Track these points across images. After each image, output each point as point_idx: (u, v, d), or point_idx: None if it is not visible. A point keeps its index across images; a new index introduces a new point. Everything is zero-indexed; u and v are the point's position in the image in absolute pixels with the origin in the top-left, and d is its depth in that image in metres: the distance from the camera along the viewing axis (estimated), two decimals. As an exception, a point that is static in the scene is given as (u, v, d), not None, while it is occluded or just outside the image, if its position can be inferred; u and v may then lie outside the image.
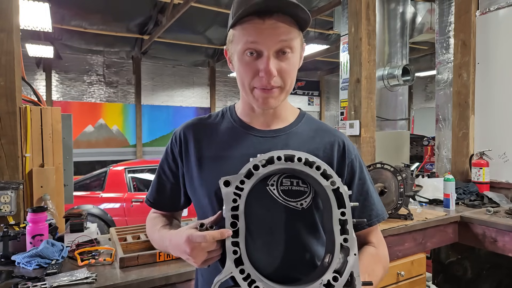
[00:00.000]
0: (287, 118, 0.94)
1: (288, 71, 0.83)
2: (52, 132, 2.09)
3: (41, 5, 4.52)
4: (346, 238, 0.73)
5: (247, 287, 0.69)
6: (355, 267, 0.71)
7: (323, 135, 0.94)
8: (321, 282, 0.70)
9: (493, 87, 2.92)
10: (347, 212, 0.74)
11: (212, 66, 11.45)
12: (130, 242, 1.71)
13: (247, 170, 0.74)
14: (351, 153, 0.93)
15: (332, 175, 0.76)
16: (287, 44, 0.80)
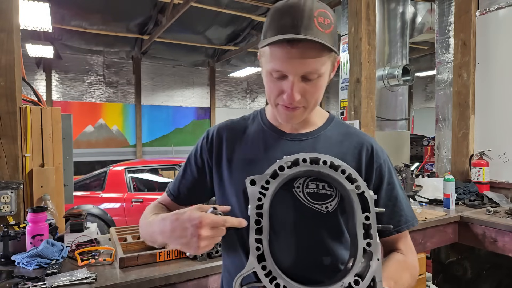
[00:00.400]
0: (315, 122, 0.96)
1: (313, 93, 0.84)
2: (52, 132, 2.09)
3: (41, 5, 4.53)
4: (369, 242, 0.73)
5: (268, 284, 0.70)
6: (377, 272, 0.71)
7: (351, 139, 0.93)
8: (342, 285, 0.71)
9: (493, 87, 2.93)
10: (371, 216, 0.74)
11: (212, 66, 11.45)
12: (130, 242, 1.72)
13: (273, 171, 0.76)
14: (379, 158, 0.92)
15: (357, 179, 0.75)
16: (313, 71, 0.80)
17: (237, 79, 12.11)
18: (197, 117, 11.56)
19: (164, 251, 1.57)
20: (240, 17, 7.99)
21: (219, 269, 1.56)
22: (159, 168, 5.77)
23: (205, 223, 0.71)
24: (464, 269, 2.64)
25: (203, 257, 1.56)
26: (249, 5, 7.34)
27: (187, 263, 1.55)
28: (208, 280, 1.55)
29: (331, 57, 0.83)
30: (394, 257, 0.92)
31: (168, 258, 1.58)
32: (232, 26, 8.48)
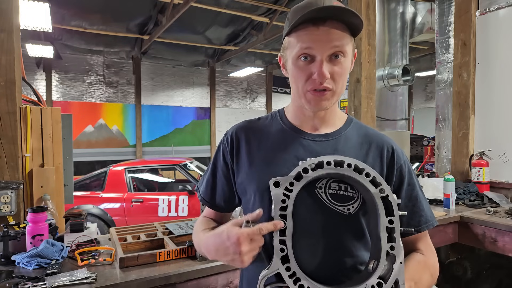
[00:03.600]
0: (335, 123, 0.96)
1: (340, 74, 0.85)
2: (52, 132, 2.09)
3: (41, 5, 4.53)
4: (392, 246, 0.73)
5: (292, 285, 0.71)
6: (400, 275, 0.72)
7: (371, 140, 0.94)
8: (365, 286, 0.72)
9: (493, 87, 2.92)
10: (395, 220, 0.74)
11: (212, 66, 11.45)
12: (130, 242, 1.72)
13: (297, 173, 0.77)
14: (400, 159, 0.93)
15: (381, 182, 0.76)
16: (339, 49, 0.83)
17: (237, 79, 12.11)
18: (197, 117, 11.56)
19: (164, 251, 1.57)
20: (240, 17, 7.99)
21: (219, 269, 1.56)
22: (159, 168, 5.77)
23: (243, 238, 0.73)
24: (464, 269, 2.64)
25: (203, 257, 1.56)
26: (249, 5, 7.34)
27: (187, 263, 1.55)
28: (208, 280, 1.54)
29: (353, 42, 0.87)
30: (414, 258, 0.92)
31: (168, 258, 1.57)
32: (232, 26, 8.48)
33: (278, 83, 13.00)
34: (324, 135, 0.94)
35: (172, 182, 5.79)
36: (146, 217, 4.65)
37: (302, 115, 0.96)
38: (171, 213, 4.82)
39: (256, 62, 10.98)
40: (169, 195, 4.89)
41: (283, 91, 13.17)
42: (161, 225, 2.00)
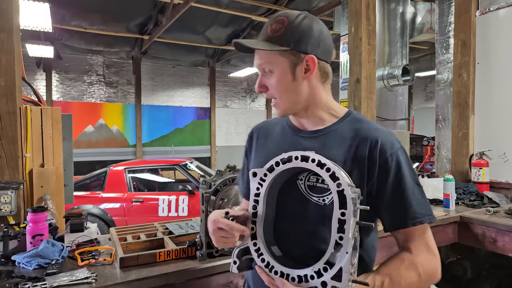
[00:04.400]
0: (328, 120, 1.03)
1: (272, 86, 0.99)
2: (52, 132, 2.10)
3: (41, 5, 4.53)
4: (341, 236, 0.79)
5: (256, 258, 0.89)
6: (345, 264, 0.77)
7: (358, 134, 0.98)
8: (312, 269, 0.80)
9: (493, 87, 2.93)
10: (347, 213, 0.79)
11: (212, 66, 11.45)
12: (130, 242, 1.72)
13: (270, 166, 0.90)
14: (385, 152, 0.94)
15: (339, 177, 0.81)
16: (263, 66, 1.00)
17: (237, 79, 12.11)
18: (197, 117, 11.56)
19: (164, 251, 1.57)
20: (240, 17, 8.00)
21: (219, 269, 1.56)
22: (159, 168, 5.78)
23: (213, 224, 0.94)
24: (464, 269, 2.64)
25: (203, 257, 1.57)
26: (249, 5, 7.35)
27: (187, 263, 1.55)
28: (208, 280, 1.55)
29: (286, 54, 0.96)
30: (397, 255, 0.95)
31: (168, 258, 1.58)
32: (232, 26, 8.48)
33: (278, 83, 13.00)
34: (314, 132, 1.03)
35: (172, 182, 5.79)
36: (146, 217, 4.65)
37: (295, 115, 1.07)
38: (171, 213, 4.82)
39: (256, 62, 10.97)
40: (169, 195, 4.89)
41: (283, 91, 13.18)
42: (161, 225, 2.00)
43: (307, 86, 0.99)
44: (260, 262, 0.88)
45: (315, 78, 0.99)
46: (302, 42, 0.95)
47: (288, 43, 0.95)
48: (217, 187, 1.56)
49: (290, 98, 0.99)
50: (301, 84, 0.98)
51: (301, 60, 0.97)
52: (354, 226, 0.79)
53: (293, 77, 0.98)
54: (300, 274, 0.82)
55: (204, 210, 1.54)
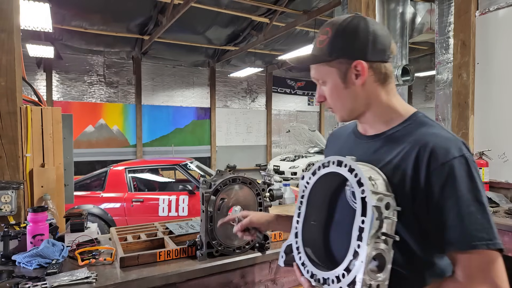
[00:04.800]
0: (388, 124, 0.99)
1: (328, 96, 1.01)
2: (53, 132, 2.10)
3: (42, 5, 4.53)
4: (359, 244, 0.77)
5: (296, 254, 0.94)
6: (359, 272, 0.75)
7: (411, 140, 0.90)
8: (334, 273, 0.81)
9: (493, 87, 2.93)
10: (366, 221, 0.77)
11: (212, 66, 11.45)
12: (130, 242, 1.72)
13: (314, 169, 0.94)
14: (436, 160, 0.83)
15: (364, 183, 0.79)
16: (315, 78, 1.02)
17: (237, 79, 12.11)
18: (197, 117, 11.56)
19: (164, 251, 1.58)
20: (240, 18, 8.00)
21: (219, 269, 1.56)
22: (159, 168, 5.77)
23: None
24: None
25: (203, 256, 1.57)
26: (249, 6, 7.35)
27: (187, 262, 1.56)
28: (208, 280, 1.55)
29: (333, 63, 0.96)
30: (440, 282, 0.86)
31: (169, 258, 1.58)
32: (232, 27, 8.48)
33: (278, 83, 13.01)
34: (372, 136, 1.02)
35: (172, 182, 5.79)
36: (147, 217, 4.66)
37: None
38: (171, 213, 4.82)
39: (256, 62, 10.99)
40: (169, 195, 4.89)
41: (283, 91, 13.19)
42: (161, 225, 2.00)
43: (362, 91, 0.96)
44: (298, 260, 0.92)
45: (370, 81, 0.95)
46: (347, 48, 0.94)
47: (332, 53, 0.95)
48: (217, 187, 1.56)
49: (345, 106, 1.00)
50: (355, 91, 0.96)
51: (350, 67, 0.94)
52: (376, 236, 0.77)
53: (345, 85, 0.96)
54: (324, 276, 0.84)
55: (204, 210, 1.54)
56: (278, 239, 1.85)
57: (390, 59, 0.97)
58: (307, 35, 8.81)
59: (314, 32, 8.47)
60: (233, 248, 1.62)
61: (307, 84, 13.59)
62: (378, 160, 0.92)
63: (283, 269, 1.76)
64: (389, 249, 0.78)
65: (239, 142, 12.40)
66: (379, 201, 0.77)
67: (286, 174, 9.72)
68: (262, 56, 10.84)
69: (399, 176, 0.87)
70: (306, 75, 13.32)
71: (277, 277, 1.75)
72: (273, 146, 13.12)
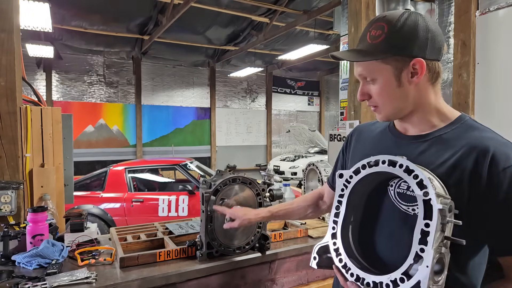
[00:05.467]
0: (434, 124, 0.95)
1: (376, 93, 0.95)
2: (53, 132, 2.10)
3: (41, 5, 4.53)
4: (423, 248, 0.74)
5: (334, 257, 0.89)
6: (423, 277, 0.72)
7: (468, 142, 0.87)
8: (389, 277, 0.77)
9: (493, 87, 2.93)
10: (431, 224, 0.74)
11: (212, 66, 11.45)
12: (130, 242, 1.72)
13: (356, 168, 0.89)
14: (497, 165, 0.82)
15: (427, 185, 0.76)
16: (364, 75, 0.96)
17: (237, 79, 12.11)
18: (197, 117, 11.56)
19: (164, 251, 1.57)
20: (240, 17, 8.00)
21: (219, 269, 1.56)
22: (159, 168, 5.77)
23: None
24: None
25: (203, 257, 1.57)
26: (249, 5, 7.35)
27: (187, 263, 1.56)
28: (208, 280, 1.55)
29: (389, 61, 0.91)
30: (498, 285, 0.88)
31: (168, 258, 1.58)
32: (232, 27, 8.48)
33: (278, 83, 13.01)
34: (416, 137, 0.97)
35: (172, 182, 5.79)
36: (146, 217, 4.65)
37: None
38: (171, 213, 4.82)
39: (256, 62, 10.99)
40: (169, 195, 4.89)
41: (283, 91, 13.19)
42: (161, 225, 2.00)
43: (414, 90, 0.92)
44: (338, 262, 0.88)
45: (424, 80, 0.92)
46: (407, 46, 0.89)
47: (390, 50, 0.89)
48: (217, 187, 1.56)
49: (394, 105, 0.94)
50: (407, 89, 0.92)
51: (407, 65, 0.90)
52: (440, 240, 0.75)
53: (399, 83, 0.92)
54: (375, 280, 0.79)
55: (204, 210, 1.54)
56: (278, 239, 1.84)
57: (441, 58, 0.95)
58: (307, 35, 8.81)
59: (314, 32, 8.47)
60: (233, 248, 1.62)
61: (307, 84, 13.59)
62: (428, 162, 0.88)
63: (283, 269, 1.75)
64: (447, 252, 0.76)
65: (239, 142, 12.40)
66: (444, 204, 0.74)
67: (286, 174, 9.73)
68: (262, 56, 10.84)
69: (456, 177, 0.85)
70: (306, 75, 13.40)
71: (277, 277, 1.74)
72: (273, 146, 13.13)
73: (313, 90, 13.86)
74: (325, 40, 8.91)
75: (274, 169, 10.16)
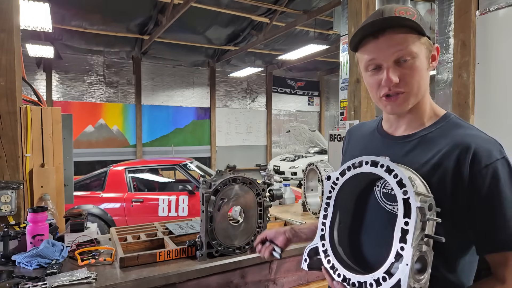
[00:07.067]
0: (422, 123, 0.95)
1: (411, 75, 0.87)
2: (53, 132, 2.10)
3: (41, 5, 4.53)
4: (403, 246, 0.75)
5: (323, 258, 0.89)
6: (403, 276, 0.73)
7: (450, 141, 0.87)
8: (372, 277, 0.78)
9: (493, 87, 2.93)
10: (410, 222, 0.75)
11: (212, 66, 11.45)
12: (130, 242, 1.72)
13: (342, 169, 0.89)
14: (479, 162, 0.82)
15: (406, 184, 0.76)
16: (402, 52, 0.86)
17: (237, 79, 12.11)
18: (197, 117, 11.56)
19: (164, 251, 1.57)
20: (240, 17, 8.00)
21: (219, 269, 1.56)
22: (159, 168, 5.77)
23: None
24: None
25: (203, 257, 1.57)
26: (249, 5, 7.35)
27: (187, 263, 1.56)
28: (208, 280, 1.55)
29: (423, 40, 0.88)
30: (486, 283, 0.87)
31: (168, 258, 1.58)
32: (232, 26, 8.48)
33: (278, 83, 13.01)
34: (403, 137, 0.96)
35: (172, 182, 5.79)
36: (146, 217, 4.65)
37: (388, 117, 1.01)
38: (171, 213, 4.82)
39: (256, 62, 10.99)
40: (169, 195, 4.89)
41: (283, 91, 13.19)
42: (161, 225, 2.00)
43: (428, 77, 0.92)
44: (326, 263, 0.88)
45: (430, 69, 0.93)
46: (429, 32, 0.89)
47: (424, 30, 0.87)
48: (217, 187, 1.56)
49: (421, 90, 0.90)
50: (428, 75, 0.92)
51: (431, 48, 0.91)
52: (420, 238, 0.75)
53: (428, 66, 0.91)
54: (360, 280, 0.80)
55: (204, 210, 1.54)
56: (278, 239, 1.84)
57: None
58: (307, 35, 8.81)
59: (314, 32, 8.47)
60: (233, 248, 1.62)
61: (307, 84, 13.59)
62: (412, 163, 0.88)
63: (283, 269, 1.75)
64: (430, 251, 0.77)
65: (239, 142, 12.40)
66: (423, 202, 0.75)
67: (286, 174, 9.73)
68: (262, 56, 10.84)
69: (438, 176, 0.85)
70: (306, 75, 13.41)
71: (277, 277, 1.74)
72: (273, 146, 13.13)
73: (313, 90, 13.87)
74: (325, 40, 8.90)
75: (274, 169, 10.16)
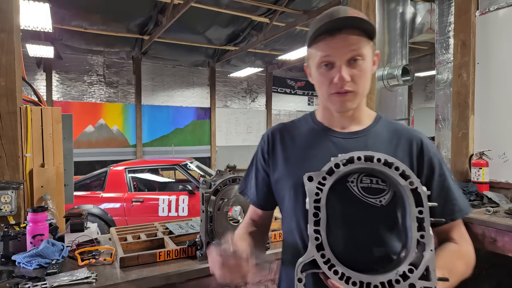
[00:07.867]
0: (363, 121, 1.02)
1: (360, 76, 0.92)
2: (53, 132, 2.10)
3: (41, 5, 4.53)
4: (423, 234, 0.76)
5: (327, 270, 0.77)
6: (431, 262, 0.75)
7: (400, 135, 0.99)
8: (396, 273, 0.76)
9: (493, 87, 2.93)
10: (424, 210, 0.78)
11: (212, 66, 11.45)
12: (130, 242, 1.72)
13: (329, 168, 0.83)
14: (429, 151, 0.97)
15: (410, 175, 0.79)
16: (356, 52, 0.90)
17: (237, 79, 12.11)
18: (197, 117, 11.56)
19: (164, 251, 1.57)
20: (240, 17, 7.99)
21: (219, 269, 1.56)
22: (159, 168, 5.78)
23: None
24: (464, 269, 2.64)
25: (203, 257, 1.57)
26: (249, 5, 7.35)
27: (187, 263, 1.56)
28: (208, 280, 1.55)
29: (371, 44, 0.94)
30: (447, 247, 0.96)
31: (168, 258, 1.58)
32: (232, 26, 8.48)
33: (278, 83, 13.01)
34: (353, 133, 0.99)
35: (172, 182, 5.80)
36: (146, 217, 4.66)
37: (331, 116, 1.02)
38: (171, 213, 4.82)
39: (256, 62, 10.99)
40: (169, 195, 4.89)
41: (283, 91, 13.18)
42: (161, 225, 2.00)
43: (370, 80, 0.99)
44: (333, 275, 0.77)
45: None
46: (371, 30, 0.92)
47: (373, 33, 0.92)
48: (217, 187, 1.56)
49: (365, 90, 0.96)
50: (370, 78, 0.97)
51: (374, 51, 0.97)
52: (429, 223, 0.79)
53: (371, 68, 0.96)
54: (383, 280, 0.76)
55: (204, 210, 1.54)
56: (278, 239, 1.85)
57: None
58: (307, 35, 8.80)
59: (314, 32, 8.46)
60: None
61: (307, 84, 13.58)
62: None
63: (283, 269, 1.75)
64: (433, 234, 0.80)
65: (239, 142, 12.40)
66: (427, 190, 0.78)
67: (286, 174, 9.71)
68: (262, 56, 10.84)
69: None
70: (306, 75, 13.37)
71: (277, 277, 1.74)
72: (273, 146, 13.11)
73: (313, 90, 13.81)
74: (325, 40, 8.90)
75: (274, 169, 10.14)
